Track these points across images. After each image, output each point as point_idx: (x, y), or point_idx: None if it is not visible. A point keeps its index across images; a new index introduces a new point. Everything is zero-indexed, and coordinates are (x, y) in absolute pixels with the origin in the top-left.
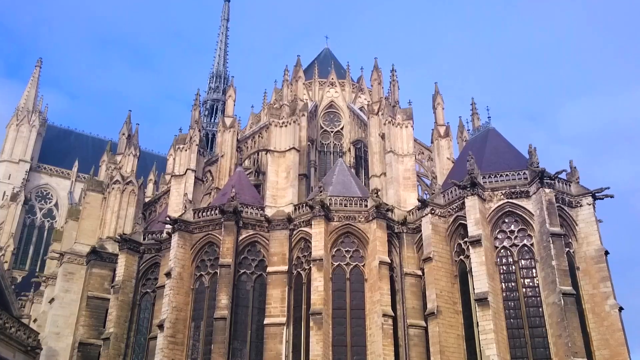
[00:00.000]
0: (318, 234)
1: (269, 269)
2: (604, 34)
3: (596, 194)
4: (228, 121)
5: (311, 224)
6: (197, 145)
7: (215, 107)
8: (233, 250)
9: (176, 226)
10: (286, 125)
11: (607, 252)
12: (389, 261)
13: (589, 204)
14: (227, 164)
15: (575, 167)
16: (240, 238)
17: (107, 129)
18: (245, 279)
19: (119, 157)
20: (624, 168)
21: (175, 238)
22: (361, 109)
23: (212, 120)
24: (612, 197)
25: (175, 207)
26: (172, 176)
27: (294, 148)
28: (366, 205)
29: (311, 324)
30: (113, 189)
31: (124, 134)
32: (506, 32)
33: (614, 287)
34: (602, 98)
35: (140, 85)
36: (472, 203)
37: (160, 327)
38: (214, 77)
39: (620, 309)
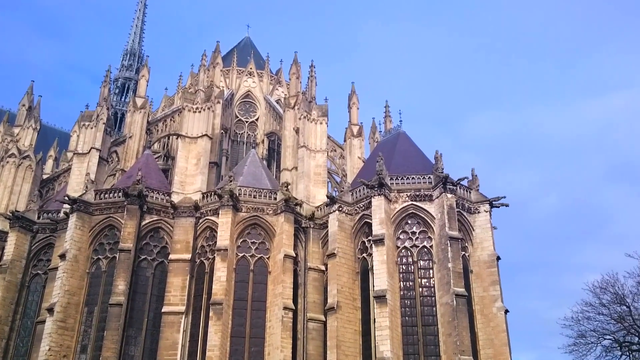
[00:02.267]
0: (225, 223)
1: (172, 257)
2: (514, 50)
3: (493, 202)
4: (139, 101)
5: (218, 213)
6: (104, 123)
7: (127, 86)
8: (135, 235)
9: (75, 206)
10: (200, 111)
11: (498, 258)
12: (294, 255)
13: (486, 211)
14: (135, 145)
15: (476, 175)
16: (144, 223)
17: (5, 99)
18: (146, 265)
19: (16, 129)
20: (519, 179)
21: (73, 219)
22: (278, 101)
23: (123, 100)
24: (507, 205)
25: (75, 186)
26: (74, 154)
27: (206, 135)
28: (275, 198)
29: (211, 313)
30: (8, 162)
31: (24, 105)
32: (424, 39)
33: (502, 291)
34: (505, 111)
35: (46, 54)
36: (378, 203)
37: (50, 310)
38: (128, 55)
39: (506, 311)
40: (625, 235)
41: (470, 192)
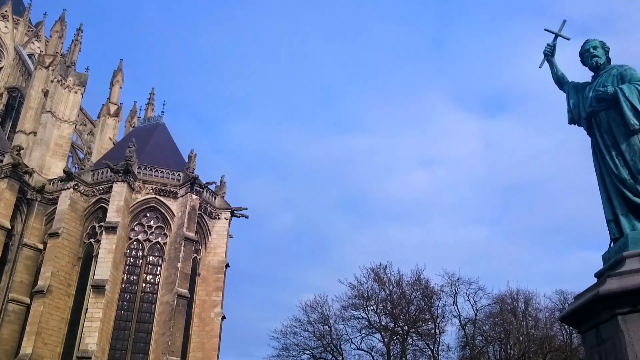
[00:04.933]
0: None
1: None
2: (290, 74)
3: (235, 211)
4: None
5: None
6: None
7: None
8: None
9: None
10: None
11: (227, 265)
12: (9, 227)
13: (226, 219)
14: None
15: (225, 183)
16: None
17: None
18: None
19: None
20: (263, 193)
21: None
22: (31, 56)
23: None
24: (247, 217)
25: None
26: None
27: None
28: (1, 161)
29: None
30: None
31: None
32: (208, 35)
33: (225, 298)
34: (265, 127)
35: None
36: (119, 189)
37: None
38: None
39: (223, 317)
40: (341, 263)
41: (215, 198)
